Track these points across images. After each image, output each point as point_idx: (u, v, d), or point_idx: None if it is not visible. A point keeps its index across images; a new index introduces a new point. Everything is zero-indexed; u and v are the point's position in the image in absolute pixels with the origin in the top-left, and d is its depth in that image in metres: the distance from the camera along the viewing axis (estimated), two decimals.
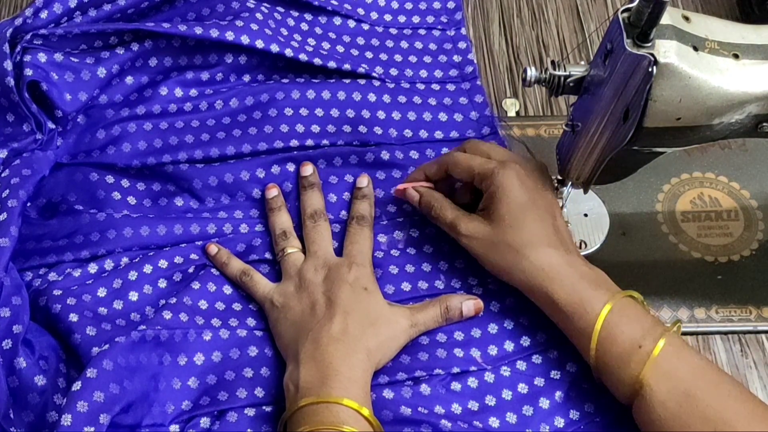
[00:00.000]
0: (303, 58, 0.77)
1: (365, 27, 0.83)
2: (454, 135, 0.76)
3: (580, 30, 0.86)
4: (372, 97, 0.77)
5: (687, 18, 0.56)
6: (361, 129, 0.76)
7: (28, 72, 0.72)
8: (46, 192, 0.73)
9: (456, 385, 0.64)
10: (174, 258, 0.69)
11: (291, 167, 0.74)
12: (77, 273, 0.68)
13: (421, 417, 0.62)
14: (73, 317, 0.64)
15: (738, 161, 0.76)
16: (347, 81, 0.78)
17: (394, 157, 0.75)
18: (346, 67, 0.78)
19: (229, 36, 0.75)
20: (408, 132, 0.76)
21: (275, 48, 0.76)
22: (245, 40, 0.75)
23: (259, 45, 0.76)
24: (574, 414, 0.63)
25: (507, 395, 0.64)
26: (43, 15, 0.75)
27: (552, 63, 0.61)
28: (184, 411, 0.62)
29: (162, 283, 0.68)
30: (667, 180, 0.75)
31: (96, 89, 0.76)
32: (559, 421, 0.63)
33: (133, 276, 0.68)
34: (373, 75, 0.79)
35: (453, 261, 0.70)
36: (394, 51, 0.82)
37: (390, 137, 0.76)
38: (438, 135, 0.76)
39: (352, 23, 0.83)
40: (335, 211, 0.72)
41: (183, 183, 0.73)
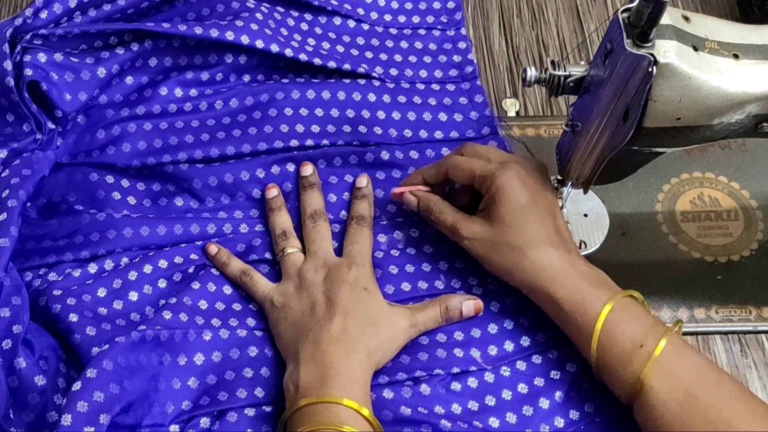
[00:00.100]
0: (303, 58, 0.77)
1: (365, 27, 0.83)
2: (454, 135, 0.76)
3: (580, 30, 0.86)
4: (372, 97, 0.77)
5: (687, 18, 0.56)
6: (361, 129, 0.76)
7: (28, 72, 0.72)
8: (46, 192, 0.72)
9: (456, 385, 0.64)
10: (174, 258, 0.69)
11: (291, 167, 0.74)
12: (77, 273, 0.68)
13: (421, 417, 0.62)
14: (73, 317, 0.64)
15: (738, 161, 0.76)
16: (347, 81, 0.78)
17: (394, 157, 0.75)
18: (346, 67, 0.78)
19: (229, 36, 0.75)
20: (408, 132, 0.76)
21: (275, 48, 0.76)
22: (245, 40, 0.75)
23: (259, 45, 0.76)
24: (574, 414, 0.63)
25: (507, 395, 0.64)
26: (43, 15, 0.75)
27: (552, 63, 0.61)
28: (184, 411, 0.62)
29: (162, 283, 0.68)
30: (667, 180, 0.75)
31: (96, 89, 0.76)
32: (559, 421, 0.63)
33: (133, 276, 0.68)
34: (373, 75, 0.79)
35: (453, 261, 0.70)
36: (394, 51, 0.82)
37: (390, 137, 0.76)
38: (438, 135, 0.76)
39: (352, 23, 0.83)
40: (335, 211, 0.72)
41: (183, 183, 0.73)
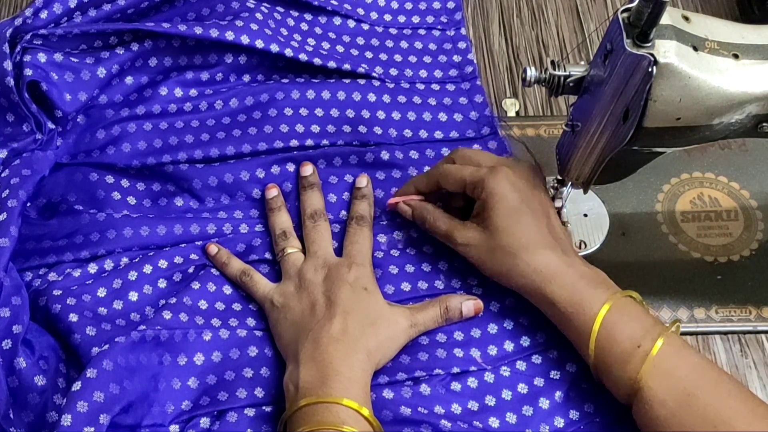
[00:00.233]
0: (303, 58, 0.77)
1: (365, 27, 0.83)
2: (453, 135, 0.76)
3: (579, 30, 0.86)
4: (372, 97, 0.77)
5: (687, 18, 0.56)
6: (361, 129, 0.76)
7: (27, 72, 0.72)
8: (46, 192, 0.72)
9: (456, 385, 0.64)
10: (174, 258, 0.69)
11: (291, 167, 0.74)
12: (77, 273, 0.68)
13: (421, 417, 0.62)
14: (73, 317, 0.64)
15: (738, 161, 0.76)
16: (347, 81, 0.78)
17: (393, 157, 0.75)
18: (345, 67, 0.78)
19: (229, 36, 0.75)
20: (408, 132, 0.76)
21: (275, 48, 0.76)
22: (245, 40, 0.75)
23: (259, 45, 0.76)
24: (573, 414, 0.63)
25: (507, 395, 0.64)
26: (43, 15, 0.75)
27: (552, 63, 0.61)
28: (184, 411, 0.62)
29: (162, 283, 0.68)
30: (667, 180, 0.75)
31: (96, 89, 0.76)
32: (559, 421, 0.63)
33: (133, 276, 0.68)
34: (373, 75, 0.79)
35: (453, 261, 0.70)
36: (393, 51, 0.82)
37: (390, 137, 0.76)
38: (438, 135, 0.76)
39: (351, 23, 0.83)
40: (335, 211, 0.72)
41: (183, 183, 0.73)
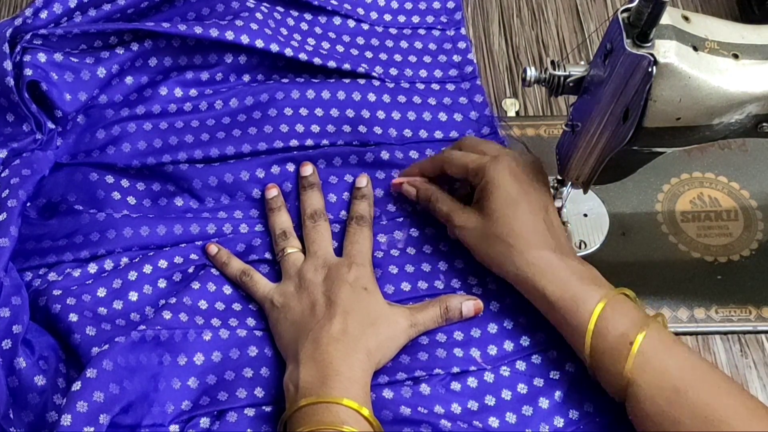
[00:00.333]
0: (303, 57, 0.77)
1: (365, 27, 0.83)
2: (453, 135, 0.76)
3: (579, 30, 0.86)
4: (372, 97, 0.77)
5: (687, 18, 0.56)
6: (361, 129, 0.76)
7: (27, 72, 0.72)
8: (45, 192, 0.72)
9: (456, 385, 0.64)
10: (174, 258, 0.69)
11: (291, 167, 0.74)
12: (77, 273, 0.68)
13: (421, 417, 0.62)
14: (73, 317, 0.64)
15: (738, 161, 0.76)
16: (347, 81, 0.78)
17: (393, 157, 0.75)
18: (345, 67, 0.78)
19: (229, 35, 0.75)
20: (408, 132, 0.76)
21: (275, 47, 0.76)
22: (245, 39, 0.75)
23: (259, 45, 0.76)
24: (573, 414, 0.63)
25: (506, 395, 0.64)
26: (43, 15, 0.75)
27: (552, 63, 0.61)
28: (183, 411, 0.62)
29: (162, 283, 0.68)
30: (667, 180, 0.75)
31: (96, 89, 0.76)
32: (559, 421, 0.63)
33: (133, 276, 0.68)
34: (373, 75, 0.79)
35: (452, 261, 0.70)
36: (393, 51, 0.82)
37: (390, 137, 0.76)
38: (438, 135, 0.76)
39: (351, 23, 0.83)
40: (335, 211, 0.72)
41: (183, 183, 0.73)
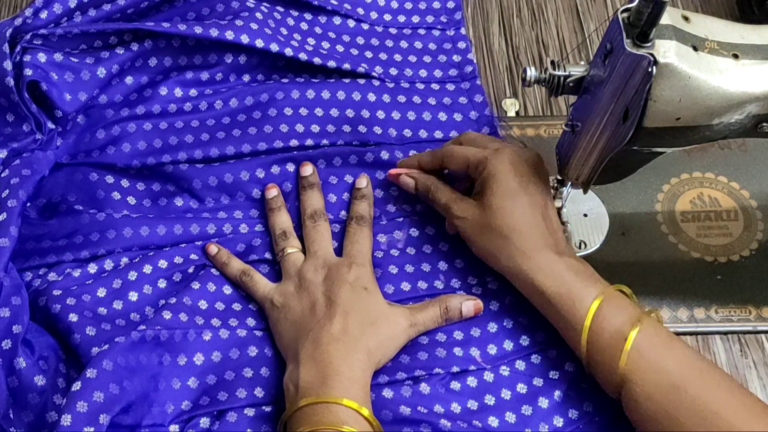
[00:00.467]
0: (303, 57, 0.77)
1: (365, 26, 0.83)
2: (453, 135, 0.76)
3: (579, 30, 0.86)
4: (371, 97, 0.77)
5: (687, 18, 0.56)
6: (361, 129, 0.76)
7: (27, 72, 0.72)
8: (45, 192, 0.72)
9: (455, 385, 0.64)
10: (174, 258, 0.69)
11: (291, 167, 0.74)
12: (77, 273, 0.68)
13: (421, 416, 0.62)
14: (73, 317, 0.64)
15: (738, 161, 0.76)
16: (347, 81, 0.78)
17: (393, 157, 0.75)
18: (345, 67, 0.78)
19: (229, 35, 0.75)
20: (407, 132, 0.76)
21: (275, 47, 0.76)
22: (245, 39, 0.75)
23: (259, 44, 0.76)
24: (573, 413, 0.63)
25: (506, 395, 0.64)
26: (43, 15, 0.75)
27: (552, 63, 0.61)
28: (183, 411, 0.62)
29: (162, 283, 0.68)
30: (667, 180, 0.75)
31: (96, 89, 0.76)
32: (559, 421, 0.63)
33: (133, 276, 0.68)
34: (373, 75, 0.79)
35: (452, 261, 0.70)
36: (393, 51, 0.82)
37: (390, 137, 0.76)
38: (438, 135, 0.76)
39: (351, 23, 0.83)
40: (335, 211, 0.72)
41: (183, 183, 0.73)
